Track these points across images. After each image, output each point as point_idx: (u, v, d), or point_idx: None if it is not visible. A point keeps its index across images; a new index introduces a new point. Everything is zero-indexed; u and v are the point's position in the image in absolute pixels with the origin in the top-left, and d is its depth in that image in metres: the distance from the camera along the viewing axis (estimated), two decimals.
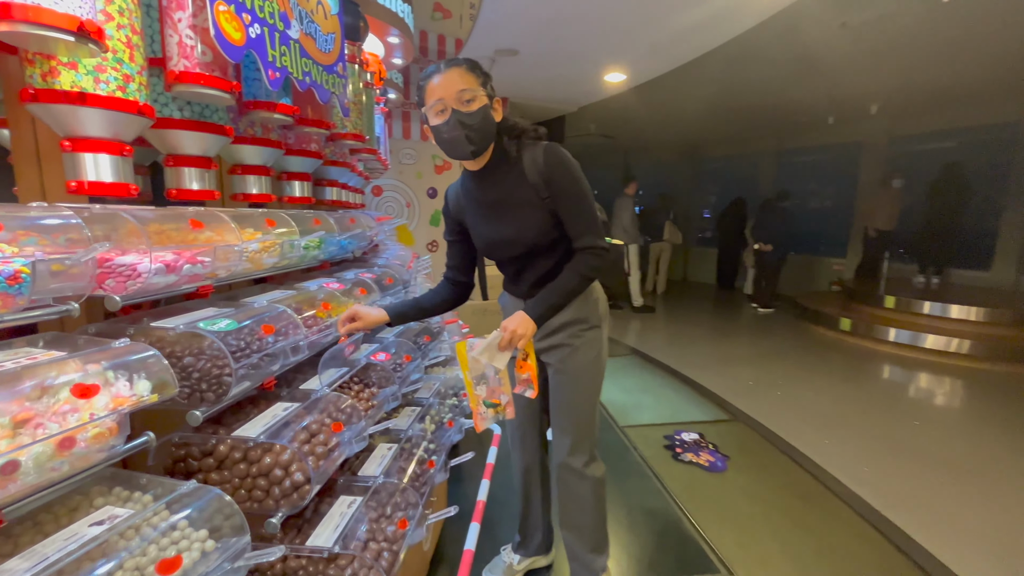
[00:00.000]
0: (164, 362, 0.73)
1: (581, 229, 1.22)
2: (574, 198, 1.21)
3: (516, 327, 1.18)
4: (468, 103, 1.16)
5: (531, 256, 1.31)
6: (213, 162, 1.16)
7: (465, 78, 1.16)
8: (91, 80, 0.84)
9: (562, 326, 1.37)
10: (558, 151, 1.22)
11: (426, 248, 4.37)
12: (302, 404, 1.05)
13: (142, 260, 0.82)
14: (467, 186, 1.35)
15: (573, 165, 1.22)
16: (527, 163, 1.23)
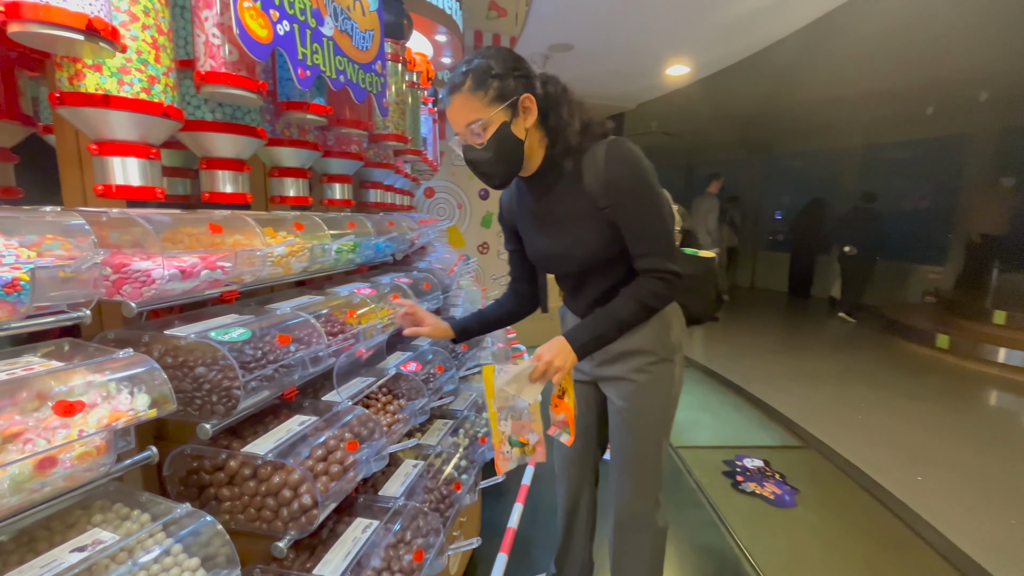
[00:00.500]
0: (163, 375, 0.69)
1: (645, 247, 1.03)
2: (638, 208, 1.01)
3: (552, 357, 1.02)
4: (478, 135, 1.02)
5: (589, 274, 1.14)
6: (246, 165, 1.14)
7: (469, 104, 1.00)
8: (115, 82, 0.83)
9: (622, 355, 1.17)
10: (622, 149, 1.01)
11: (476, 250, 4.34)
12: (321, 417, 1.00)
13: (157, 266, 0.80)
14: (520, 190, 1.21)
15: (640, 166, 1.00)
16: (586, 165, 1.04)
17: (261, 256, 1.00)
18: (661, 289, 1.02)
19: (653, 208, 1.01)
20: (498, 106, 0.99)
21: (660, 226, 1.03)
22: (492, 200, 4.30)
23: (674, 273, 1.02)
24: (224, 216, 1.01)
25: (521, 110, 1.02)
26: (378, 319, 1.26)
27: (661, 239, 1.03)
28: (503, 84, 0.99)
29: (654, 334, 1.15)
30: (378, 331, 1.26)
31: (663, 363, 1.16)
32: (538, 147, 1.08)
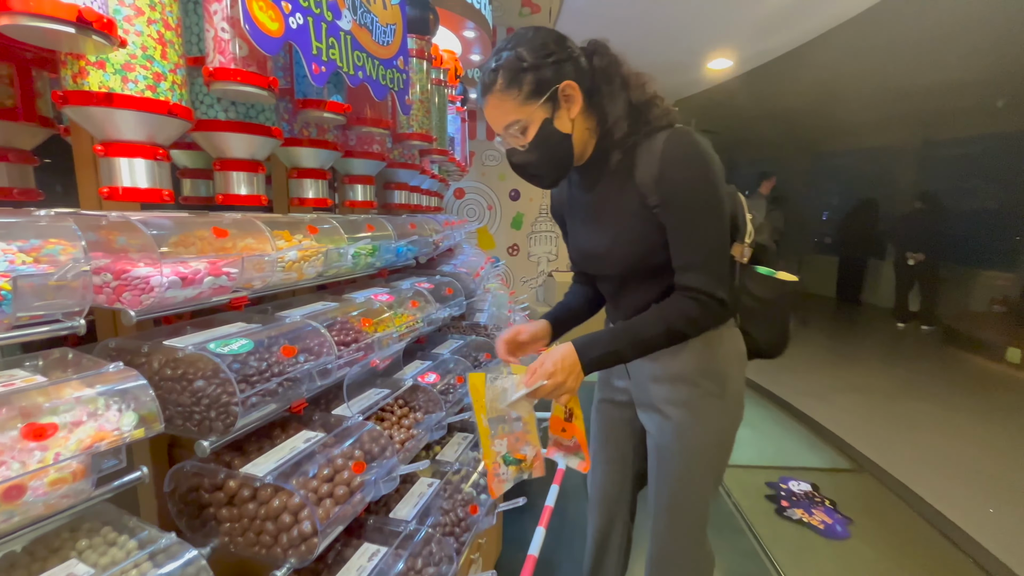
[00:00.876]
0: (150, 392, 0.64)
1: (688, 259, 0.88)
2: (689, 211, 0.86)
3: (565, 378, 0.89)
4: (519, 136, 0.92)
5: (629, 280, 1.01)
6: (261, 166, 1.10)
7: (503, 105, 0.90)
8: (119, 80, 0.79)
9: (656, 380, 1.02)
10: (684, 141, 0.87)
11: (506, 252, 4.27)
12: (329, 433, 0.94)
13: (156, 273, 0.75)
14: (571, 179, 1.08)
15: (703, 163, 0.86)
16: (641, 157, 0.90)
17: (270, 261, 0.94)
18: (695, 313, 0.88)
19: (708, 214, 0.87)
20: (535, 102, 0.88)
21: (712, 237, 0.88)
22: (523, 201, 4.22)
23: (714, 297, 0.87)
24: (234, 219, 0.97)
25: (563, 100, 0.90)
26: (394, 327, 1.19)
27: (709, 253, 0.88)
28: (538, 76, 0.87)
29: (698, 360, 0.98)
30: (394, 340, 1.20)
31: (709, 399, 0.99)
32: (590, 135, 0.96)
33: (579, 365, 0.91)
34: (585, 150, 0.96)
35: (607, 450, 1.21)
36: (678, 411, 1.01)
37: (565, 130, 0.91)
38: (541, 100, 0.88)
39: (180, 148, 1.33)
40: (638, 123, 0.92)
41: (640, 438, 1.14)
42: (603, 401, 1.20)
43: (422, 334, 1.42)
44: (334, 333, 1.04)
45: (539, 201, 4.13)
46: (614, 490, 1.21)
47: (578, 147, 0.94)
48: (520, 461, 1.02)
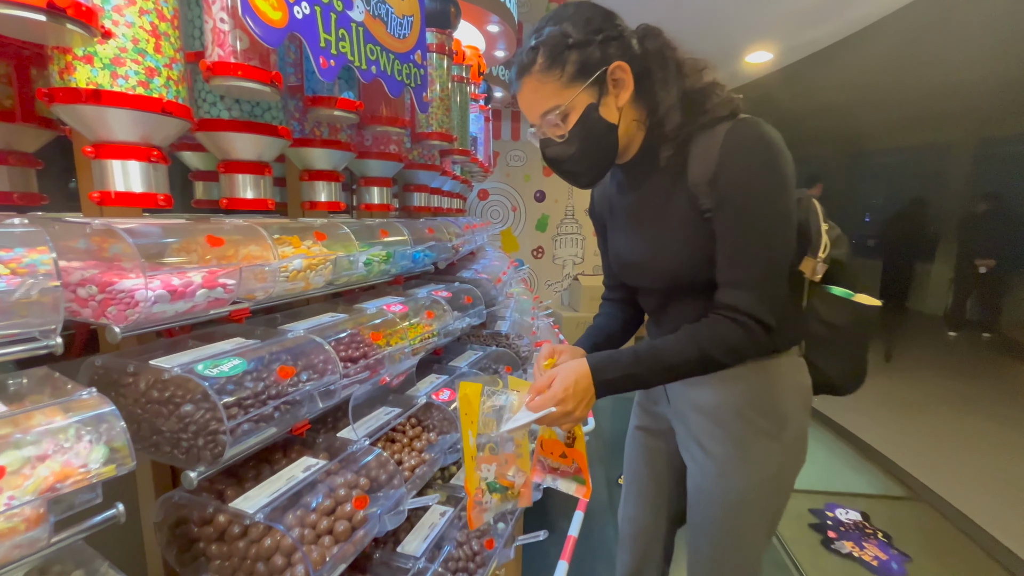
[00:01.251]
0: (121, 424, 0.56)
1: (735, 274, 0.75)
2: (745, 216, 0.73)
3: (574, 408, 0.77)
4: (558, 125, 0.80)
5: (674, 295, 0.88)
6: (268, 168, 1.04)
7: (542, 88, 0.78)
8: (108, 75, 0.73)
9: (701, 411, 0.89)
10: (749, 133, 0.74)
11: (531, 255, 4.16)
12: (332, 460, 0.86)
13: (141, 286, 0.68)
14: (613, 177, 0.96)
15: (770, 163, 0.73)
16: (696, 153, 0.77)
17: (271, 271, 0.87)
18: (735, 338, 0.74)
19: (771, 223, 0.73)
20: (580, 85, 0.76)
21: (771, 251, 0.74)
22: (548, 203, 4.11)
23: (761, 322, 0.73)
24: (235, 226, 0.90)
25: (611, 84, 0.77)
26: (407, 341, 1.11)
27: (764, 269, 0.74)
28: (585, 54, 0.75)
29: (751, 391, 0.84)
30: (407, 354, 1.11)
31: (762, 439, 0.85)
32: (637, 128, 0.83)
33: (592, 389, 0.78)
34: (630, 145, 0.84)
35: (642, 483, 1.08)
36: (723, 449, 0.87)
37: (611, 119, 0.79)
38: (586, 83, 0.76)
39: (192, 150, 1.29)
40: (693, 114, 0.78)
41: (681, 472, 1.01)
42: (639, 428, 1.08)
43: (438, 346, 1.34)
44: (341, 348, 0.97)
45: (564, 202, 4.00)
46: (648, 528, 1.09)
47: (623, 140, 0.82)
48: (506, 488, 0.87)
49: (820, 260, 0.85)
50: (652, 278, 0.88)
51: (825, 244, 0.85)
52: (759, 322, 0.74)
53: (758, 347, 0.76)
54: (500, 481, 0.87)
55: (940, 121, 6.55)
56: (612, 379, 0.79)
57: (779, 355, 0.86)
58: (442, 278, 1.72)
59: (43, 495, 0.51)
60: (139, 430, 0.74)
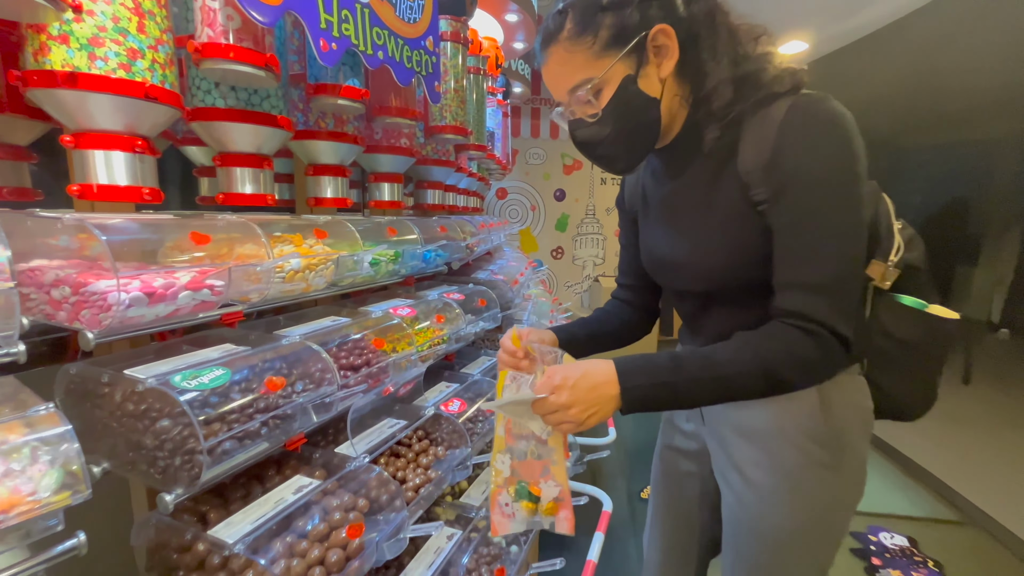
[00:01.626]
0: (74, 446, 0.50)
1: (802, 275, 0.62)
2: (809, 205, 0.61)
3: (571, 401, 0.63)
4: (589, 102, 0.69)
5: (717, 300, 0.76)
6: (268, 161, 0.97)
7: (572, 59, 0.67)
8: (85, 57, 0.67)
9: (743, 434, 0.78)
10: (814, 110, 0.62)
11: (550, 255, 4.06)
12: (329, 479, 0.79)
13: (114, 288, 0.62)
14: (651, 163, 0.85)
15: (835, 142, 0.61)
16: (749, 134, 0.66)
17: (264, 272, 0.80)
18: (808, 352, 0.61)
19: (838, 214, 0.61)
20: (616, 54, 0.65)
21: (843, 248, 0.61)
22: (568, 202, 4.00)
23: (836, 334, 0.61)
24: (229, 222, 0.83)
25: (652, 52, 0.66)
26: (415, 347, 1.03)
27: (837, 269, 0.61)
28: (621, 17, 0.64)
29: (805, 414, 0.73)
30: (414, 362, 1.03)
31: (816, 470, 0.72)
32: (680, 105, 0.71)
33: (612, 395, 0.64)
34: (672, 125, 0.73)
35: (671, 509, 0.98)
36: (768, 479, 0.75)
37: (653, 93, 0.67)
38: (624, 51, 0.65)
39: (197, 144, 1.24)
40: (747, 88, 0.66)
41: (716, 497, 0.90)
42: (667, 448, 0.97)
43: (450, 351, 1.26)
44: (343, 355, 0.89)
45: (585, 201, 3.89)
46: (676, 557, 0.98)
47: (665, 119, 0.71)
48: (536, 498, 0.76)
49: (891, 264, 0.72)
50: (692, 279, 0.76)
51: (898, 245, 0.73)
52: (835, 333, 0.61)
53: (834, 365, 0.63)
54: (531, 488, 0.77)
55: (985, 116, 6.19)
56: (643, 387, 0.63)
57: (838, 373, 0.74)
58: (456, 279, 1.64)
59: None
60: (115, 446, 0.68)
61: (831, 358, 0.62)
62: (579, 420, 0.65)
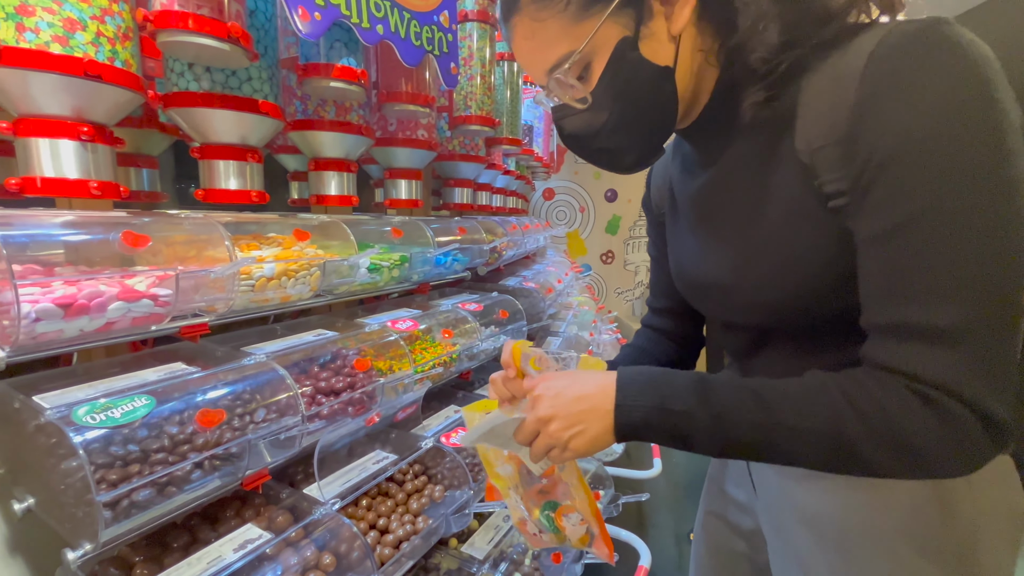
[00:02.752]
0: None
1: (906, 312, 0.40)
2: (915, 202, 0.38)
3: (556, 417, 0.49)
4: (575, 83, 0.50)
5: (776, 336, 0.55)
6: (254, 153, 0.86)
7: (543, 32, 0.49)
8: (11, 28, 0.57)
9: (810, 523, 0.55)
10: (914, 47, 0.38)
11: (600, 260, 3.83)
12: (281, 534, 0.65)
13: (14, 300, 0.51)
14: (679, 147, 0.65)
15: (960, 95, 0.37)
16: (811, 95, 0.44)
17: (225, 279, 0.68)
18: (918, 426, 0.39)
19: (971, 211, 0.37)
20: (602, 11, 0.46)
21: (975, 264, 0.37)
22: (620, 203, 3.75)
23: (973, 406, 0.38)
24: (192, 221, 0.72)
25: (652, 3, 0.46)
26: (412, 368, 0.88)
27: (967, 303, 0.38)
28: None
29: (910, 508, 0.49)
30: (411, 386, 0.89)
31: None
32: (706, 65, 0.50)
33: (604, 411, 0.48)
34: (699, 94, 0.52)
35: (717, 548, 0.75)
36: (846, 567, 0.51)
37: (662, 58, 0.48)
38: (612, 5, 0.46)
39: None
40: (805, 24, 0.44)
41: None
42: (711, 515, 0.75)
43: (463, 370, 1.11)
44: (323, 376, 0.76)
45: (639, 202, 3.62)
46: None
47: (687, 91, 0.51)
48: (559, 530, 0.64)
49: None
50: (738, 308, 0.54)
51: None
52: (979, 410, 0.38)
53: (973, 457, 0.40)
54: (556, 520, 0.64)
55: None
56: (646, 407, 0.46)
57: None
58: (480, 286, 1.49)
59: None
60: (35, 482, 0.58)
61: (967, 445, 0.39)
62: (560, 440, 0.49)
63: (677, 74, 0.49)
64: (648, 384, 0.48)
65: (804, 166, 0.45)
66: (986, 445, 0.39)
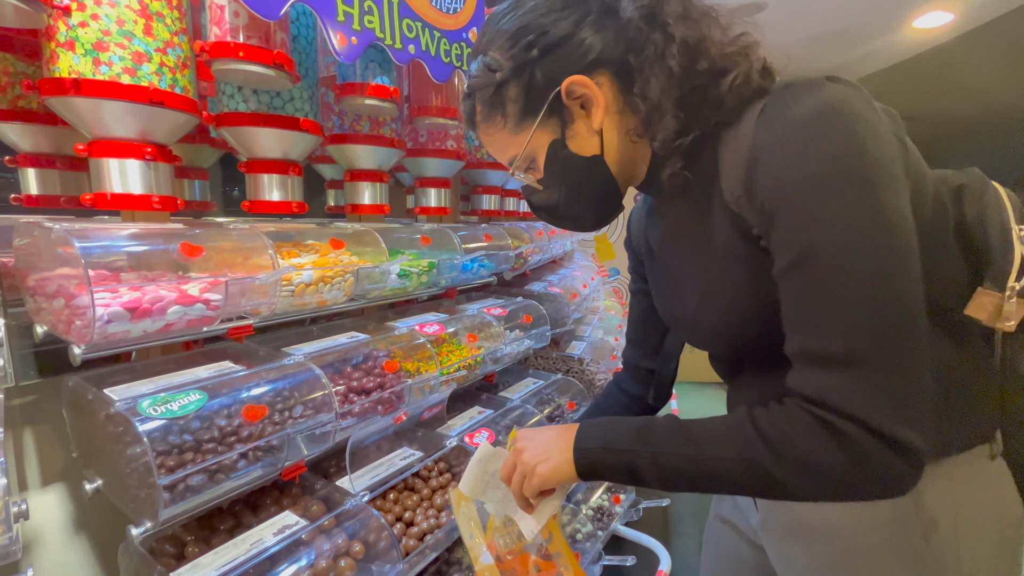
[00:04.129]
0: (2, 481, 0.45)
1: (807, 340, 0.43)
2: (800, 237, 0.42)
3: (527, 448, 0.58)
4: (527, 171, 0.59)
5: (748, 361, 0.60)
6: (295, 167, 0.93)
7: (495, 141, 0.59)
8: (89, 62, 0.65)
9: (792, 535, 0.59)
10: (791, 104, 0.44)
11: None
12: (317, 520, 0.70)
13: (91, 304, 0.58)
14: (646, 199, 0.72)
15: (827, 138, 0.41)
16: (726, 154, 0.50)
17: (268, 285, 0.74)
18: (815, 449, 0.41)
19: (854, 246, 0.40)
20: (531, 123, 0.55)
21: (862, 291, 0.40)
22: None
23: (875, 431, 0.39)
24: (239, 231, 0.79)
25: (574, 107, 0.54)
26: (438, 370, 0.93)
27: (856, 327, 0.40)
28: (523, 84, 0.54)
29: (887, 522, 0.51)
30: (437, 386, 0.93)
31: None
32: (637, 141, 0.57)
33: (565, 448, 0.55)
34: (636, 163, 0.58)
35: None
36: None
37: (590, 150, 0.55)
38: (536, 120, 0.54)
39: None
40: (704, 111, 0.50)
41: None
42: (719, 519, 0.76)
43: (488, 373, 1.14)
44: (356, 376, 0.81)
45: None
46: None
47: (623, 164, 0.57)
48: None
49: (1013, 293, 0.48)
50: (707, 339, 0.60)
51: (1022, 262, 0.49)
52: (878, 433, 0.39)
53: (884, 480, 0.41)
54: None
55: None
56: (595, 448, 0.53)
57: (944, 460, 0.50)
58: (507, 291, 1.52)
59: None
60: (104, 466, 0.65)
61: (872, 468, 0.40)
62: (529, 466, 0.57)
63: (608, 157, 0.56)
64: (600, 432, 0.55)
65: (733, 213, 0.49)
66: (898, 465, 0.40)
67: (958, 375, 0.50)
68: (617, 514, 1.15)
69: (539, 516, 0.63)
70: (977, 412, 0.50)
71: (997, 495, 0.51)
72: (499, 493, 0.66)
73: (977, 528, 0.50)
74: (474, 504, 0.69)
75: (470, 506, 0.69)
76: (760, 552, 0.68)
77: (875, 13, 2.76)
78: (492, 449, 0.67)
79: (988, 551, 0.50)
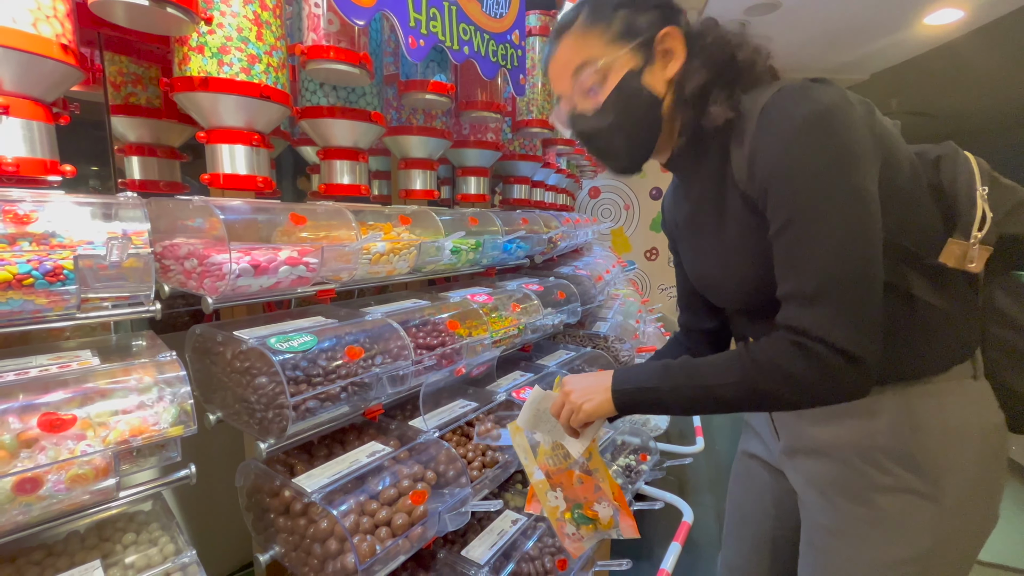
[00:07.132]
0: (186, 388, 0.58)
1: (791, 284, 0.57)
2: (785, 204, 0.56)
3: (575, 390, 0.71)
4: (593, 91, 0.67)
5: (760, 314, 0.70)
6: (363, 154, 1.06)
7: (580, 45, 0.67)
8: (215, 63, 0.78)
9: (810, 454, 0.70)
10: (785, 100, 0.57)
11: (644, 256, 3.90)
12: (400, 448, 0.83)
13: (227, 260, 0.72)
14: (674, 187, 0.85)
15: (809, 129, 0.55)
16: (735, 149, 0.63)
17: (353, 252, 0.87)
18: (796, 368, 0.55)
19: (823, 211, 0.54)
20: (624, 45, 0.65)
21: (829, 246, 0.54)
22: None
23: (837, 348, 0.53)
24: (326, 209, 0.92)
25: (659, 54, 0.65)
26: (488, 333, 1.05)
27: (827, 273, 0.54)
28: (633, 14, 0.65)
29: (883, 430, 0.63)
30: (487, 347, 1.05)
31: (906, 498, 0.62)
32: (675, 115, 0.69)
33: (605, 388, 0.69)
34: (671, 134, 0.70)
35: (749, 527, 0.88)
36: (847, 507, 0.66)
37: (656, 90, 0.66)
38: (631, 45, 0.65)
39: (309, 144, 1.39)
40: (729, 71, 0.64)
41: (789, 523, 0.81)
42: (748, 456, 0.88)
43: (527, 342, 1.27)
44: (421, 335, 0.94)
45: None
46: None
47: (664, 122, 0.69)
48: (593, 520, 0.81)
49: (976, 241, 0.59)
50: (729, 297, 0.74)
51: (983, 216, 0.60)
52: (838, 349, 0.53)
53: (842, 385, 0.55)
54: (585, 511, 0.82)
55: None
56: (628, 389, 0.68)
57: (932, 379, 0.62)
58: (538, 272, 1.65)
59: (114, 446, 0.53)
60: (226, 398, 0.78)
61: (833, 376, 0.54)
62: (576, 404, 0.70)
63: (663, 109, 0.67)
64: (632, 375, 0.69)
65: (742, 192, 0.62)
66: (852, 374, 0.54)
67: (937, 309, 0.61)
68: (643, 471, 1.27)
69: (583, 441, 0.75)
70: (956, 337, 0.61)
71: (979, 407, 0.63)
72: (548, 424, 0.79)
73: (962, 432, 0.62)
74: (525, 435, 0.82)
75: (522, 436, 0.82)
76: (779, 476, 0.79)
77: (887, 10, 2.84)
78: (543, 392, 0.79)
79: (972, 451, 0.62)
